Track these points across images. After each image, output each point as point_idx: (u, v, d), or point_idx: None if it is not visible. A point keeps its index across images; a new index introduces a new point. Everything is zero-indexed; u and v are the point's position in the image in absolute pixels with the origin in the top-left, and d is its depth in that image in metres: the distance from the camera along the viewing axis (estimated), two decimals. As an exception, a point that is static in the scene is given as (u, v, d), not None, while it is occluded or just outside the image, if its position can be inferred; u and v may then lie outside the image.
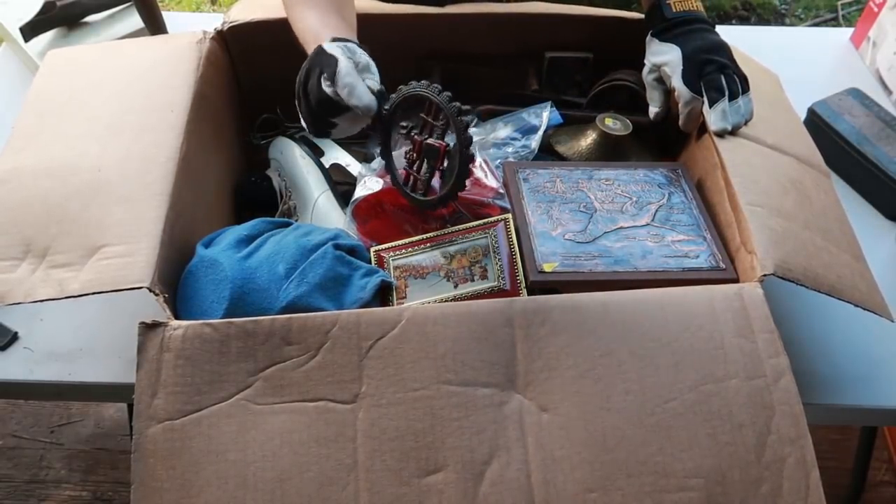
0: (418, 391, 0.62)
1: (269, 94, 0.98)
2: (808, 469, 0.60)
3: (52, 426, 1.52)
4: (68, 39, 1.17)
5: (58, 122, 0.82)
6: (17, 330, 0.82)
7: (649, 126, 0.95)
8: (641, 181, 0.85)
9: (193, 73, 0.86)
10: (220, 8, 2.49)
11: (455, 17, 0.98)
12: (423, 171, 0.77)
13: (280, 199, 0.94)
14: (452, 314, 0.65)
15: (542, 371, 0.63)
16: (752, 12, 2.53)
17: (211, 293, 0.70)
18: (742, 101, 0.84)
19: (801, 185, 0.80)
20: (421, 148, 0.76)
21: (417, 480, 0.59)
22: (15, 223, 0.72)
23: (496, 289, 0.75)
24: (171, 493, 0.59)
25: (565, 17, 0.99)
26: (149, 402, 0.61)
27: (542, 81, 1.04)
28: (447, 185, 0.75)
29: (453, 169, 0.74)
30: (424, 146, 0.76)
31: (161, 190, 0.73)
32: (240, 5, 0.98)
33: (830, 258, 0.73)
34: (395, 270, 0.78)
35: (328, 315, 0.65)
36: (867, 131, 1.04)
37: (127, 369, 0.75)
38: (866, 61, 1.26)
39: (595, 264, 0.75)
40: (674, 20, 0.88)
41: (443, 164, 0.75)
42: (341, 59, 0.72)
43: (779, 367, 0.64)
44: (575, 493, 0.59)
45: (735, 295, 0.67)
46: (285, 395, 0.62)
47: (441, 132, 0.75)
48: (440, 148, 0.74)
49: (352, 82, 0.71)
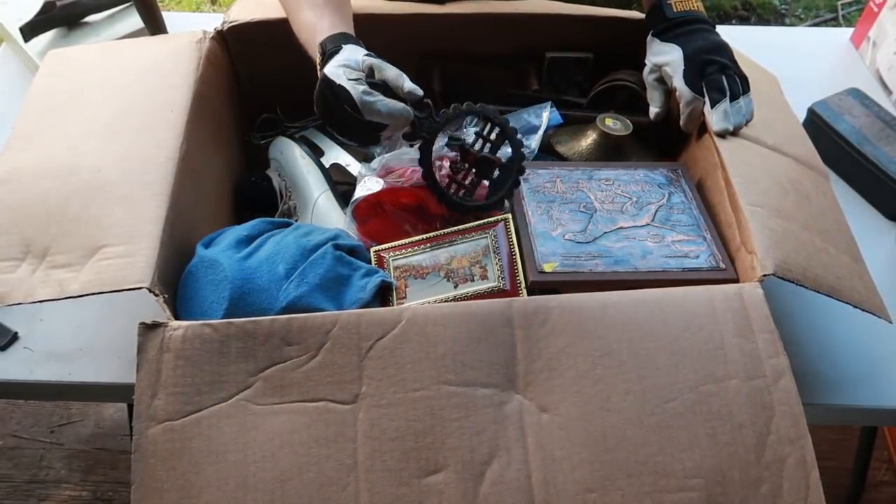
0: (418, 391, 0.62)
1: (269, 94, 0.98)
2: (808, 469, 0.60)
3: (52, 426, 1.52)
4: (68, 39, 1.17)
5: (58, 122, 0.82)
6: (17, 330, 0.82)
7: (649, 126, 0.95)
8: (641, 181, 0.85)
9: (193, 73, 0.86)
10: (220, 8, 2.49)
11: (455, 17, 0.98)
12: (469, 179, 0.82)
13: (280, 199, 0.94)
14: (452, 314, 0.65)
15: (542, 371, 0.63)
16: (752, 12, 2.53)
17: (211, 293, 0.70)
18: (743, 102, 0.84)
19: (801, 186, 0.80)
20: (475, 160, 0.81)
21: (417, 481, 0.59)
22: (15, 223, 0.72)
23: (496, 289, 0.75)
24: (171, 494, 0.59)
25: (565, 17, 0.99)
26: (149, 403, 0.61)
27: (542, 81, 1.04)
28: (497, 193, 0.81)
29: (505, 180, 0.81)
30: (479, 158, 0.81)
31: (161, 190, 0.73)
32: (240, 5, 0.98)
33: (830, 259, 0.73)
34: (395, 270, 0.78)
35: (328, 315, 0.65)
36: (867, 131, 1.04)
37: (127, 369, 0.75)
38: (866, 61, 1.26)
39: (595, 264, 0.75)
40: (675, 20, 0.89)
41: (493, 174, 0.81)
42: (350, 88, 0.72)
43: (779, 367, 0.64)
44: (575, 494, 0.59)
45: (735, 295, 0.67)
46: (285, 396, 0.62)
47: (493, 148, 0.81)
48: (496, 161, 0.80)
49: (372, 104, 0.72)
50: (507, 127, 0.80)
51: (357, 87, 0.73)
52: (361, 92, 0.73)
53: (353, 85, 0.73)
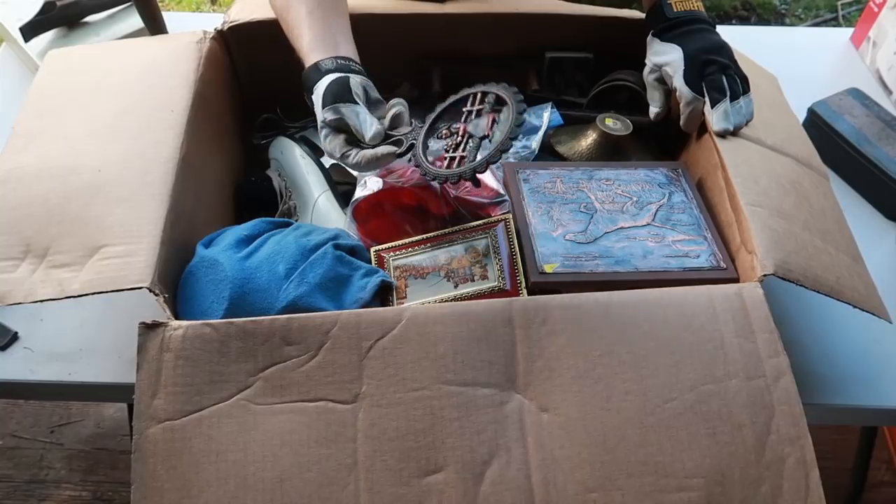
0: (418, 391, 0.62)
1: (269, 94, 0.99)
2: (808, 469, 0.60)
3: (52, 426, 1.52)
4: (68, 39, 1.17)
5: (58, 122, 0.82)
6: (17, 330, 0.82)
7: (649, 126, 0.95)
8: (642, 181, 0.85)
9: (193, 73, 0.86)
10: (220, 8, 2.49)
11: (455, 17, 0.98)
12: (467, 148, 0.77)
13: (280, 199, 0.94)
14: (452, 314, 0.65)
15: (542, 371, 0.63)
16: (752, 12, 2.53)
17: (211, 293, 0.70)
18: (743, 102, 0.84)
19: (801, 186, 0.80)
20: (465, 131, 0.77)
21: (417, 480, 0.59)
22: (15, 223, 0.72)
23: (496, 289, 0.75)
24: (171, 494, 0.59)
25: (565, 17, 0.99)
26: (149, 403, 0.61)
27: (542, 81, 1.04)
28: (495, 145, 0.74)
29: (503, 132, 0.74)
30: (472, 123, 0.77)
31: (161, 190, 0.73)
32: (240, 5, 0.98)
33: (830, 259, 0.73)
34: (395, 270, 0.78)
35: (328, 315, 0.65)
36: (867, 131, 1.04)
37: (127, 369, 0.75)
38: (866, 61, 1.26)
39: (596, 265, 0.75)
40: (675, 20, 0.89)
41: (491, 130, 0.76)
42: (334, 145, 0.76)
43: (779, 367, 0.64)
44: (575, 493, 0.59)
45: (735, 295, 0.67)
46: (285, 396, 0.62)
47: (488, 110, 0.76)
48: (489, 117, 0.76)
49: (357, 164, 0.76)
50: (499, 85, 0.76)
51: (336, 152, 0.76)
52: (340, 157, 0.76)
53: (333, 150, 0.77)
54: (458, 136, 0.78)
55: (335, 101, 0.75)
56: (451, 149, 0.78)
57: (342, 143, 0.76)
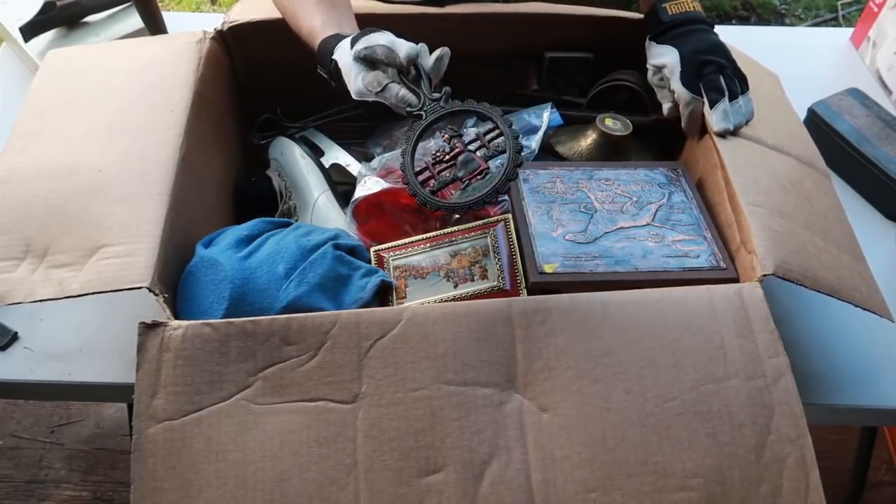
0: (418, 391, 0.62)
1: (269, 94, 0.99)
2: (808, 469, 0.60)
3: (52, 426, 1.51)
4: (68, 39, 1.17)
5: (58, 122, 0.82)
6: (17, 330, 0.82)
7: (649, 126, 0.95)
8: (642, 181, 0.85)
9: (193, 73, 0.86)
10: (220, 8, 2.49)
11: (455, 17, 0.98)
12: (444, 174, 0.76)
13: (280, 199, 0.94)
14: (452, 314, 0.65)
15: (542, 371, 0.63)
16: (752, 12, 2.53)
17: (211, 293, 0.70)
18: (742, 101, 0.84)
19: (802, 185, 0.80)
20: (458, 155, 0.76)
21: (417, 480, 0.59)
22: (15, 223, 0.72)
23: (496, 289, 0.75)
24: (171, 493, 0.59)
25: (565, 17, 0.99)
26: (149, 402, 0.61)
27: (542, 81, 1.04)
28: (470, 197, 0.73)
29: (480, 188, 0.73)
30: (466, 156, 0.76)
31: (161, 190, 0.73)
32: (240, 5, 0.98)
33: (831, 259, 0.73)
34: (394, 270, 0.78)
35: (328, 315, 0.65)
36: (867, 131, 1.04)
37: (127, 369, 0.75)
38: (866, 61, 1.26)
39: (596, 265, 0.75)
40: (670, 22, 0.88)
41: (471, 180, 0.75)
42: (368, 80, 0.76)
43: (779, 367, 0.64)
44: (575, 493, 0.59)
45: (735, 295, 0.67)
46: (285, 395, 0.62)
47: (487, 155, 0.75)
48: (481, 167, 0.75)
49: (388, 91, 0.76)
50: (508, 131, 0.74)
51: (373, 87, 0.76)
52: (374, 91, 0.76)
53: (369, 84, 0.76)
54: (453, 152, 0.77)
55: (365, 35, 0.77)
56: (440, 159, 0.77)
57: (376, 77, 0.76)
